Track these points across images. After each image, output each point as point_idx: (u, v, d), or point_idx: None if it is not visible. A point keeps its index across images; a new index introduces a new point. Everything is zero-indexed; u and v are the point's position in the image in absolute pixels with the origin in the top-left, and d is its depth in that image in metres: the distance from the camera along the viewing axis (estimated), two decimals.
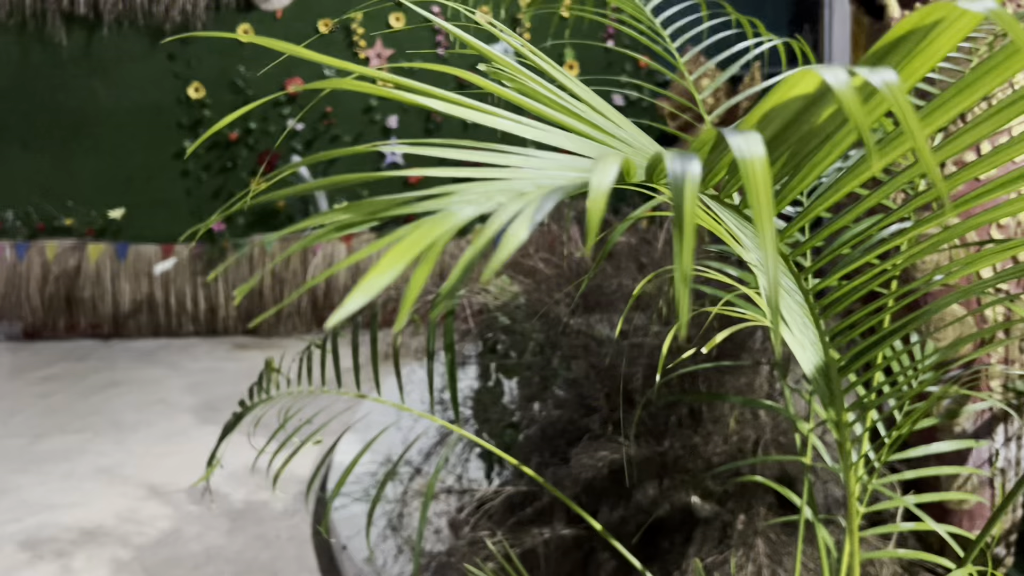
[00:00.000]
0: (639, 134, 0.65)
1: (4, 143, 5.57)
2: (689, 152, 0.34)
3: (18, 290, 5.65)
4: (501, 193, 0.38)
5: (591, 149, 0.50)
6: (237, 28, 5.36)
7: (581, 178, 0.40)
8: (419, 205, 0.37)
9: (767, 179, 0.29)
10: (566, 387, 2.06)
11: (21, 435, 3.77)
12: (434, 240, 0.31)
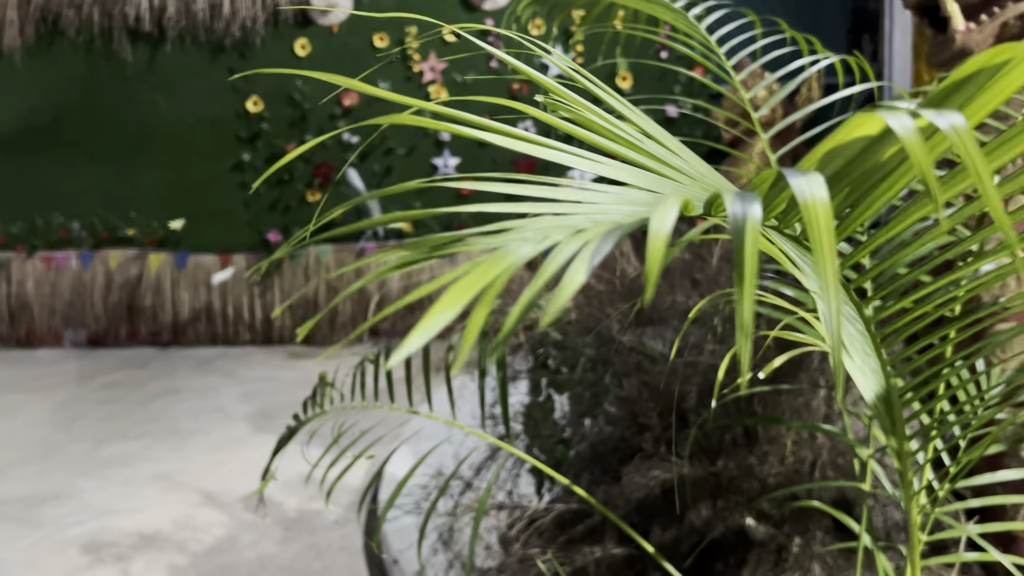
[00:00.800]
0: (697, 161, 0.64)
1: (72, 156, 5.77)
2: (750, 192, 0.34)
3: (83, 298, 5.83)
4: (558, 230, 0.38)
5: (649, 181, 0.49)
6: (295, 43, 5.46)
7: (640, 215, 0.39)
8: (478, 242, 0.37)
9: (829, 223, 0.29)
10: (618, 404, 2.04)
11: (84, 440, 3.88)
12: (493, 279, 0.31)
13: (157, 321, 5.74)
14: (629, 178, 0.51)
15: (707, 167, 0.68)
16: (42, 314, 5.94)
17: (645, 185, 0.50)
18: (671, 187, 0.51)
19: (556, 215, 0.41)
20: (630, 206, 0.43)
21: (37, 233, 5.89)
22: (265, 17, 5.42)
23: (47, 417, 4.28)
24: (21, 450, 3.78)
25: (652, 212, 0.30)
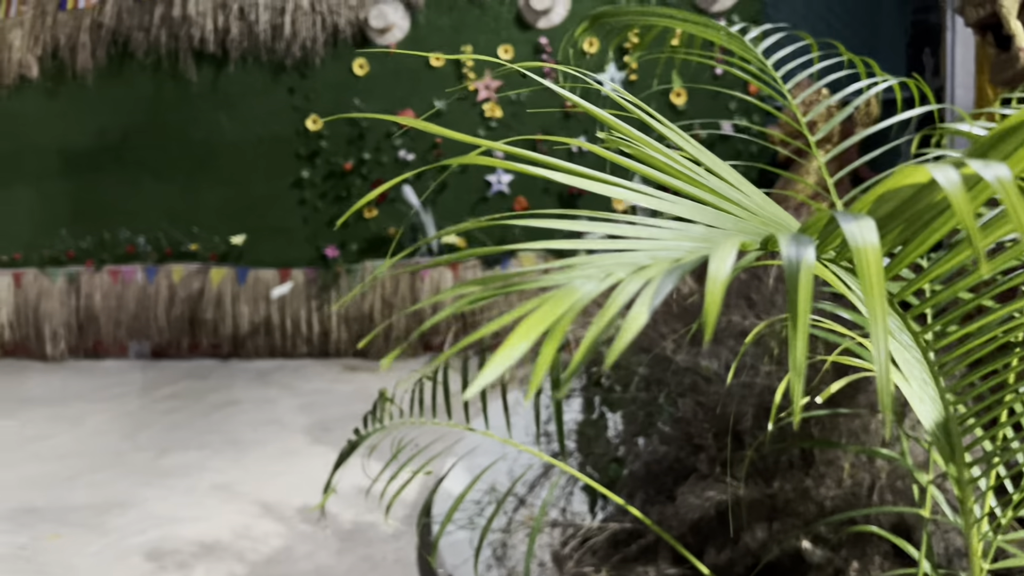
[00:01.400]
0: (754, 192, 0.66)
1: (138, 173, 5.97)
2: (805, 235, 0.35)
3: (147, 311, 6.01)
4: (620, 267, 0.40)
5: (708, 216, 0.51)
6: (353, 63, 5.58)
7: (700, 252, 0.41)
8: (543, 279, 0.39)
9: (879, 266, 0.30)
10: (672, 424, 2.04)
11: (147, 450, 3.99)
12: (559, 317, 0.33)
13: (218, 334, 5.89)
14: (688, 212, 0.52)
15: (764, 197, 0.69)
16: (108, 326, 6.14)
17: (704, 220, 0.51)
18: (729, 221, 0.52)
19: (618, 251, 0.43)
20: (690, 242, 0.45)
21: (105, 247, 6.11)
22: (324, 37, 5.56)
23: (113, 426, 4.42)
24: (89, 458, 3.91)
25: (712, 252, 0.32)
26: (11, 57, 6.06)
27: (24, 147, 6.16)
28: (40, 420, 4.61)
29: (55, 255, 6.22)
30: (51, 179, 6.16)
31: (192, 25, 5.69)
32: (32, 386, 5.54)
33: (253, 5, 5.59)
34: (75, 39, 5.97)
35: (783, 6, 5.25)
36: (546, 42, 5.39)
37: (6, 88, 6.12)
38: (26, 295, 6.29)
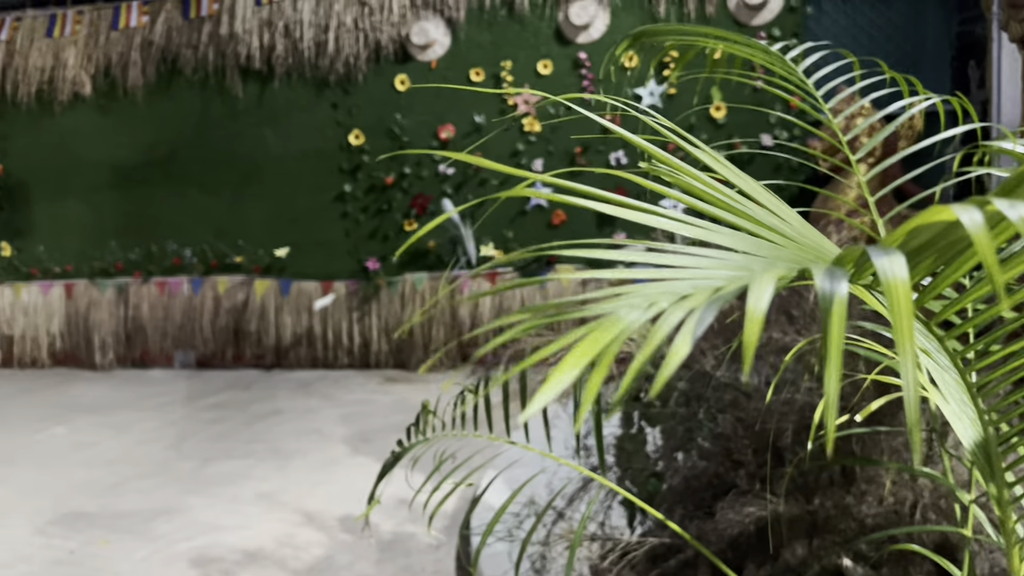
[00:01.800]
0: (794, 218, 0.67)
1: (186, 187, 6.12)
2: (839, 268, 0.37)
3: (193, 322, 6.14)
4: (664, 296, 0.42)
5: (747, 244, 0.53)
6: (395, 79, 5.67)
7: (740, 281, 0.43)
8: (589, 308, 0.41)
9: (908, 302, 0.32)
10: (712, 439, 2.04)
11: (192, 458, 4.08)
12: (605, 347, 0.36)
13: (261, 344, 6.00)
14: (726, 239, 0.55)
15: (802, 221, 0.71)
16: (155, 336, 6.28)
17: (743, 247, 0.53)
18: (767, 248, 0.54)
19: (660, 279, 0.45)
20: (729, 270, 0.47)
21: (153, 260, 6.26)
22: (367, 54, 5.65)
23: (159, 435, 4.52)
24: (136, 466, 4.00)
25: (751, 285, 0.34)
26: (65, 75, 6.26)
27: (77, 162, 6.35)
28: (89, 428, 4.73)
29: (105, 267, 6.39)
30: (102, 193, 6.34)
31: (239, 43, 5.82)
32: (81, 394, 5.68)
33: (298, 23, 5.71)
34: (126, 57, 6.15)
35: (824, 19, 5.22)
36: (585, 57, 5.43)
37: (60, 105, 6.32)
38: (77, 306, 6.47)
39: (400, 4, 5.57)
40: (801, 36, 5.17)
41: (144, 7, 6.18)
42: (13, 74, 6.38)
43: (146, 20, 6.15)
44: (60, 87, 6.28)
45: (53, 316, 6.54)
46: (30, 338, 6.59)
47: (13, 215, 6.58)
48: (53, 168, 6.42)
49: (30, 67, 6.34)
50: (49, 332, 6.56)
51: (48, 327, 6.56)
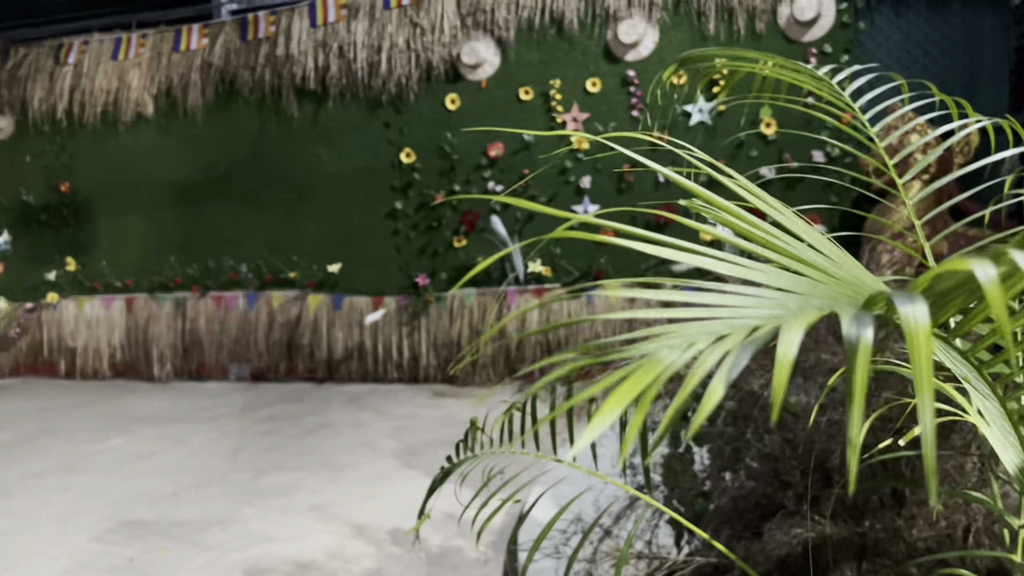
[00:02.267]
0: (834, 251, 0.70)
1: (242, 204, 6.29)
2: (866, 312, 0.40)
3: (248, 335, 6.29)
4: (702, 337, 0.45)
5: (783, 279, 0.56)
6: (445, 98, 5.76)
7: (774, 322, 0.46)
8: (630, 349, 0.44)
9: (928, 348, 0.35)
10: (760, 460, 2.04)
11: (247, 470, 4.17)
12: (644, 389, 0.39)
13: (314, 358, 6.12)
14: (764, 276, 0.57)
15: (841, 253, 0.73)
16: (211, 349, 6.45)
17: (780, 283, 0.56)
18: (804, 285, 0.57)
19: (699, 319, 0.48)
20: (766, 309, 0.49)
21: (210, 275, 6.43)
22: (418, 74, 5.76)
23: (214, 446, 4.63)
24: (192, 476, 4.11)
25: (781, 330, 0.37)
26: (129, 96, 6.49)
27: (139, 180, 6.58)
28: (147, 438, 4.87)
29: (164, 281, 6.59)
30: (162, 210, 6.54)
31: (295, 64, 5.98)
32: (140, 406, 5.85)
33: (351, 44, 5.85)
34: (187, 78, 6.35)
35: (878, 35, 5.16)
36: (634, 74, 5.45)
37: (124, 125, 6.55)
38: (137, 319, 6.67)
39: (451, 25, 5.66)
40: (853, 52, 5.12)
41: (204, 30, 6.38)
42: (80, 96, 6.64)
43: (206, 42, 6.35)
44: (124, 108, 6.51)
45: (114, 329, 6.76)
46: (92, 350, 6.81)
47: (78, 231, 6.83)
48: (116, 186, 6.66)
49: (96, 89, 6.59)
50: (110, 344, 6.78)
51: (109, 339, 6.78)
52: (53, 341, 6.94)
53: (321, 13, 5.95)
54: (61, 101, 6.68)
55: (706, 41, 5.31)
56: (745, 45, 5.24)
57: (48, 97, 6.73)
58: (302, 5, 6.07)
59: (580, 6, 5.49)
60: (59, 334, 6.90)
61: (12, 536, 3.43)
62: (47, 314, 6.94)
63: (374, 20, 5.82)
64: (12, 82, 6.89)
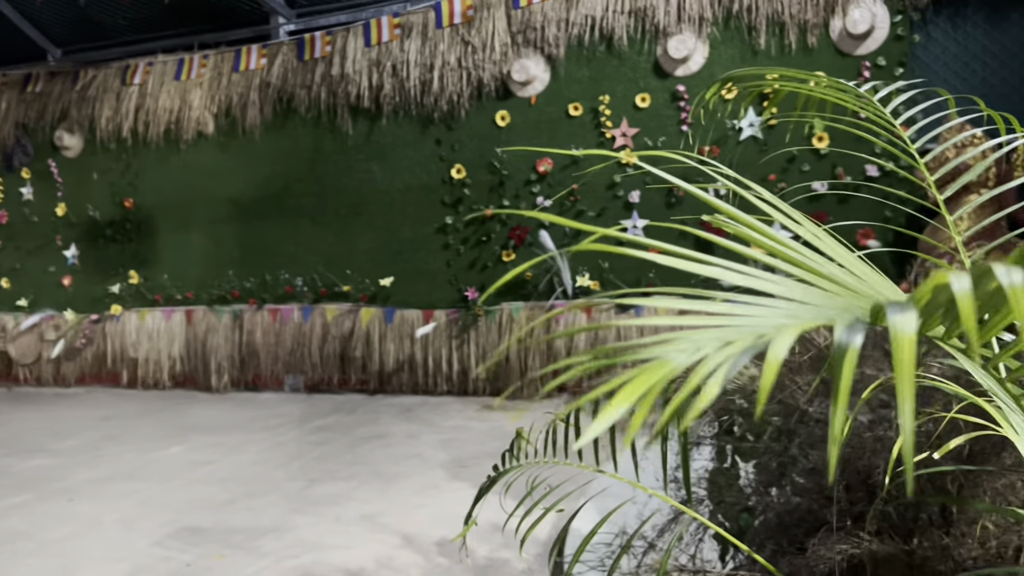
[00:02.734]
0: (864, 269, 0.72)
1: (298, 219, 6.45)
2: (859, 322, 0.43)
3: (302, 348, 6.43)
4: (710, 342, 0.48)
5: (798, 291, 0.58)
6: (496, 114, 5.83)
7: (778, 331, 0.49)
8: (643, 352, 0.48)
9: (912, 355, 0.37)
10: (805, 475, 2.03)
11: (299, 479, 4.26)
12: (648, 389, 0.42)
13: (366, 370, 6.23)
14: (782, 290, 0.60)
15: (867, 268, 0.76)
16: (267, 361, 6.60)
17: (799, 297, 0.59)
18: (820, 298, 0.59)
19: (712, 327, 0.51)
20: (778, 319, 0.52)
21: (266, 288, 6.60)
22: (470, 91, 5.85)
23: (269, 455, 4.74)
24: (247, 484, 4.21)
25: (773, 339, 0.40)
26: (191, 115, 6.72)
27: (199, 196, 6.79)
28: (204, 447, 5.00)
29: (222, 294, 6.78)
30: (221, 225, 6.74)
31: (349, 82, 6.13)
32: (198, 415, 6.02)
33: (404, 63, 5.97)
34: (246, 98, 6.55)
35: (933, 47, 5.09)
36: (683, 89, 5.45)
37: (185, 143, 6.77)
38: (196, 331, 6.87)
39: (502, 43, 5.75)
40: (908, 65, 5.05)
41: (263, 50, 6.58)
42: (144, 115, 6.89)
43: (264, 62, 6.54)
44: (186, 126, 6.74)
45: (174, 340, 6.97)
46: (153, 361, 7.03)
47: (141, 246, 7.07)
48: (177, 202, 6.88)
49: (159, 108, 6.83)
50: (170, 356, 6.99)
51: (169, 351, 6.99)
52: (116, 351, 7.18)
53: (375, 32, 6.09)
54: (127, 120, 6.95)
55: (756, 56, 5.29)
56: (796, 59, 5.21)
57: (115, 116, 7.00)
58: (357, 25, 6.23)
59: (630, 23, 5.53)
60: (122, 345, 7.14)
61: (77, 539, 3.56)
62: (111, 325, 7.19)
63: (427, 39, 5.94)
64: (81, 103, 7.18)
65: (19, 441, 5.44)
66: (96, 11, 7.24)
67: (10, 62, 7.89)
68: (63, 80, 7.32)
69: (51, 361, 7.44)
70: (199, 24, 7.15)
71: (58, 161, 7.32)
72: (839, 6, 5.14)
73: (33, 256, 7.53)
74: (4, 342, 7.62)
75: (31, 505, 4.04)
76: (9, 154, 7.49)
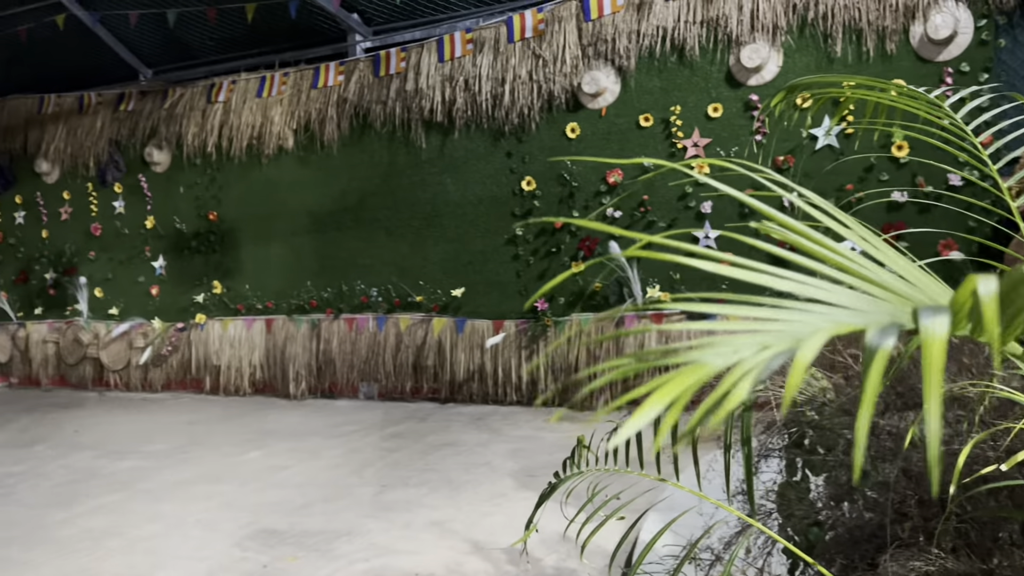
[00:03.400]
0: (918, 276, 0.72)
1: (373, 231, 6.60)
2: (892, 325, 0.44)
3: (376, 356, 6.57)
4: (747, 347, 0.50)
5: (847, 299, 0.60)
6: (566, 127, 5.87)
7: (815, 336, 0.50)
8: (681, 356, 0.50)
9: (941, 358, 0.39)
10: (875, 489, 1.99)
11: (372, 485, 4.35)
12: (682, 392, 0.45)
13: (437, 379, 6.32)
14: (828, 296, 0.61)
15: (925, 278, 0.76)
16: (343, 369, 6.76)
17: (845, 303, 0.60)
18: (867, 304, 0.60)
19: (754, 332, 0.53)
20: (820, 323, 0.54)
21: (343, 298, 6.77)
22: (540, 104, 5.90)
23: (343, 461, 4.86)
24: (322, 489, 4.32)
25: (802, 343, 0.42)
26: (272, 130, 6.95)
27: (279, 209, 7.01)
28: (282, 452, 5.15)
29: (301, 304, 6.97)
30: (300, 237, 6.95)
31: (423, 97, 6.25)
32: (276, 421, 6.20)
33: (476, 77, 6.06)
34: (324, 113, 6.75)
35: (1020, 51, 4.91)
36: (757, 99, 5.39)
37: (266, 157, 7.01)
38: (275, 339, 7.08)
39: (572, 55, 5.78)
40: (994, 71, 4.89)
41: (340, 67, 6.77)
42: (228, 131, 7.16)
43: (341, 79, 6.73)
44: (267, 141, 6.98)
45: (255, 348, 7.20)
46: (234, 368, 7.27)
47: (224, 257, 7.34)
48: (259, 215, 7.12)
49: (242, 124, 7.09)
50: (251, 363, 7.22)
51: (250, 358, 7.22)
52: (200, 359, 7.46)
53: (448, 48, 6.20)
54: (212, 136, 7.23)
55: (832, 64, 5.20)
56: (874, 67, 5.10)
57: (200, 133, 7.30)
58: (431, 41, 6.35)
59: (702, 33, 5.50)
60: (205, 352, 7.41)
61: (162, 538, 3.71)
62: (195, 334, 7.47)
63: (498, 53, 6.02)
64: (170, 120, 7.51)
65: (110, 444, 5.70)
66: (184, 32, 7.57)
67: (106, 83, 8.32)
68: (153, 99, 7.67)
69: (139, 367, 7.78)
70: (280, 43, 7.41)
71: (148, 176, 7.66)
72: (920, 11, 5.01)
73: (124, 267, 7.89)
74: (97, 349, 7.99)
75: (120, 505, 4.23)
76: (103, 170, 7.88)
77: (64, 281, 8.17)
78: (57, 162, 8.13)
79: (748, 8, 5.36)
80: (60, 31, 7.45)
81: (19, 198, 8.44)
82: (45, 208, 8.28)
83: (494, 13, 6.48)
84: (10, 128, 8.42)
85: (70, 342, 8.15)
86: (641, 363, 0.49)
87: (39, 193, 8.29)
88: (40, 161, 8.19)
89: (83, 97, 8.04)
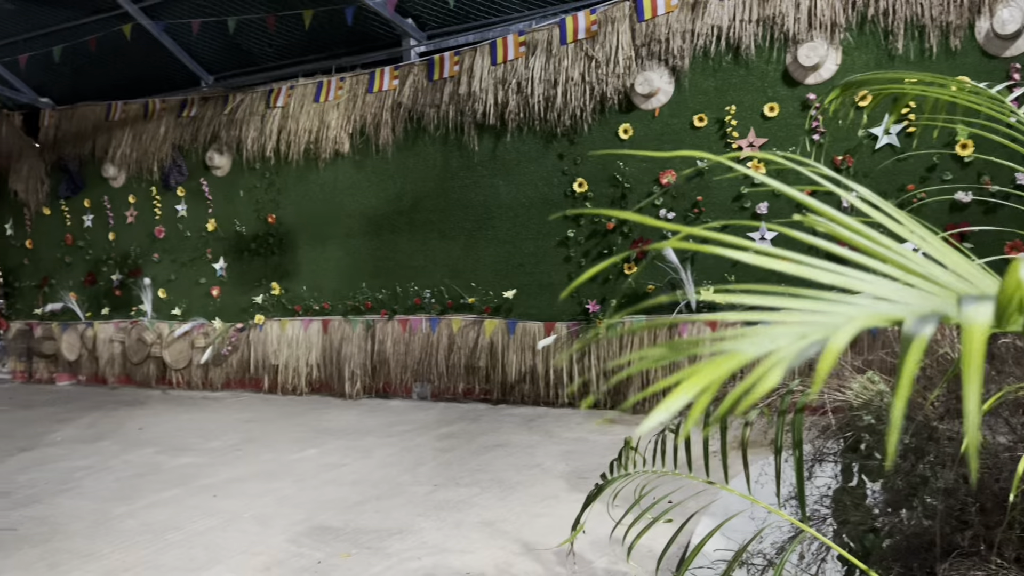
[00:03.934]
0: (968, 269, 0.70)
1: (427, 234, 6.65)
2: (930, 315, 0.43)
3: (430, 357, 6.62)
4: (784, 337, 0.49)
5: (891, 291, 0.58)
6: (618, 128, 5.84)
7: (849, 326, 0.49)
8: (715, 345, 0.49)
9: (981, 344, 0.38)
10: (935, 496, 1.93)
11: (424, 484, 4.38)
12: (712, 380, 0.44)
13: (489, 380, 6.34)
14: (870, 288, 0.60)
15: (977, 271, 0.74)
16: (397, 369, 6.83)
17: (889, 295, 0.58)
18: (914, 296, 0.59)
19: (793, 323, 0.52)
20: (852, 313, 0.53)
21: (397, 299, 6.84)
22: (592, 105, 5.88)
23: (396, 460, 4.90)
24: (375, 487, 4.37)
25: (833, 333, 0.41)
26: (328, 135, 7.06)
27: (335, 212, 7.12)
28: (337, 450, 5.22)
29: (356, 305, 7.07)
30: (355, 239, 7.04)
31: (476, 100, 6.29)
32: (332, 419, 6.29)
33: (529, 79, 6.07)
34: (379, 117, 6.83)
35: None
36: (814, 98, 5.29)
37: (323, 161, 7.13)
38: (331, 340, 7.19)
39: (625, 56, 5.75)
40: None
41: (395, 71, 6.85)
42: (286, 135, 7.30)
43: (396, 83, 6.81)
44: (323, 146, 7.10)
45: (311, 349, 7.32)
46: (292, 368, 7.41)
47: (282, 259, 7.48)
48: (316, 217, 7.25)
49: (300, 129, 7.22)
50: (308, 363, 7.34)
51: (307, 358, 7.34)
52: (259, 358, 7.61)
53: (501, 51, 6.22)
54: (270, 141, 7.38)
55: (893, 61, 5.07)
56: (937, 63, 4.96)
57: (259, 137, 7.46)
58: (484, 44, 6.39)
59: (757, 31, 5.42)
60: (264, 352, 7.56)
61: (219, 533, 3.79)
62: (254, 334, 7.63)
63: (551, 55, 6.02)
64: (230, 125, 7.69)
65: (171, 440, 5.85)
66: (244, 39, 7.74)
67: (169, 89, 8.56)
68: (214, 104, 7.86)
69: (200, 366, 7.97)
70: (337, 48, 7.53)
71: (209, 180, 7.85)
72: (985, 6, 4.86)
73: (186, 268, 8.10)
74: (160, 348, 8.22)
75: (180, 499, 4.34)
76: (167, 174, 8.10)
77: (129, 282, 8.43)
78: (123, 167, 8.39)
79: (805, 5, 5.26)
80: (126, 40, 7.70)
81: (87, 202, 8.74)
82: (112, 211, 8.55)
83: (547, 15, 6.49)
84: (80, 134, 8.72)
85: (135, 341, 8.40)
86: (674, 353, 0.49)
87: (106, 197, 8.57)
88: (107, 166, 8.46)
89: (148, 104, 8.28)
